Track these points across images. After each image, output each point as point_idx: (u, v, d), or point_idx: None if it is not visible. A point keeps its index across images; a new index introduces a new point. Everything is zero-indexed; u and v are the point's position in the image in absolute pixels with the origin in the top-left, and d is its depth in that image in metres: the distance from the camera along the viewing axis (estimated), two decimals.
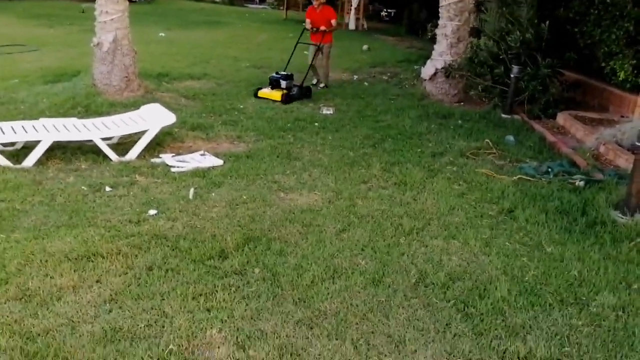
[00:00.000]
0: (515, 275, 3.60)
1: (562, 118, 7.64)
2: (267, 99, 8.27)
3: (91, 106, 7.01)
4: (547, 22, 8.23)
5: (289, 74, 8.59)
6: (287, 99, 8.22)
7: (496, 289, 3.40)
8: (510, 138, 6.77)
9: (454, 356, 2.81)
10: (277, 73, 8.62)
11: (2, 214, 4.04)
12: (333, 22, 9.32)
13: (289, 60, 9.10)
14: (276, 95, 8.24)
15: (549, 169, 5.61)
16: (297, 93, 8.49)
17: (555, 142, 6.66)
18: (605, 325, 3.12)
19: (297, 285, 3.36)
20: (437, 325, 3.04)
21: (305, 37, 9.34)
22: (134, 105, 6.88)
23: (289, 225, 4.17)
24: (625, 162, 5.64)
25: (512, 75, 8.03)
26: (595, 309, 3.26)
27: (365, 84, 10.27)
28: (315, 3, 9.36)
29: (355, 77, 10.89)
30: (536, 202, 4.78)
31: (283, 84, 8.39)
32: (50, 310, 2.97)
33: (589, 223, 4.39)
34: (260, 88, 8.51)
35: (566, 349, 2.91)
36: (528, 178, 5.39)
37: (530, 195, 4.93)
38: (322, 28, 9.10)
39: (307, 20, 9.38)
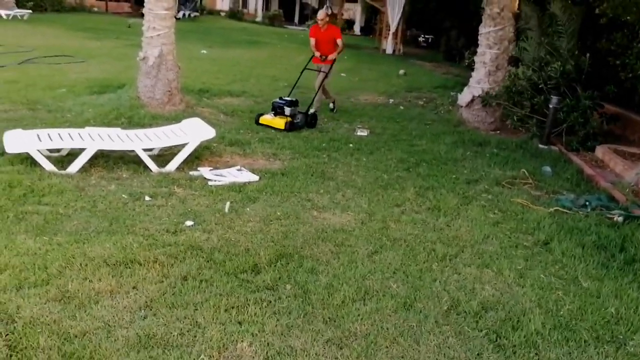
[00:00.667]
0: (550, 308, 3.54)
1: (600, 151, 7.52)
2: (269, 126, 7.61)
3: (134, 118, 7.22)
4: (588, 54, 8.16)
5: (294, 100, 7.89)
6: (290, 128, 7.55)
7: (530, 321, 3.34)
8: (547, 169, 6.69)
9: None
10: (280, 98, 7.92)
11: (46, 217, 4.19)
12: (339, 41, 8.61)
13: (294, 86, 8.50)
14: (279, 123, 7.55)
15: (587, 203, 5.51)
16: (302, 121, 7.81)
17: (593, 175, 6.55)
18: None
19: (328, 304, 3.37)
20: (468, 354, 3.01)
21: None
22: (175, 118, 7.07)
23: (321, 244, 4.20)
24: None
25: (550, 106, 7.95)
26: (632, 349, 3.17)
27: (401, 107, 10.31)
28: (320, 22, 8.67)
29: (391, 100, 10.94)
30: (573, 236, 4.70)
31: (287, 111, 7.69)
32: (88, 313, 3.05)
33: (628, 260, 4.29)
34: (262, 114, 7.83)
35: None
36: (565, 210, 5.31)
37: (567, 228, 4.84)
38: (331, 57, 8.53)
39: (312, 41, 8.71)
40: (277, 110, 7.79)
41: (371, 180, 5.84)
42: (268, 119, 7.73)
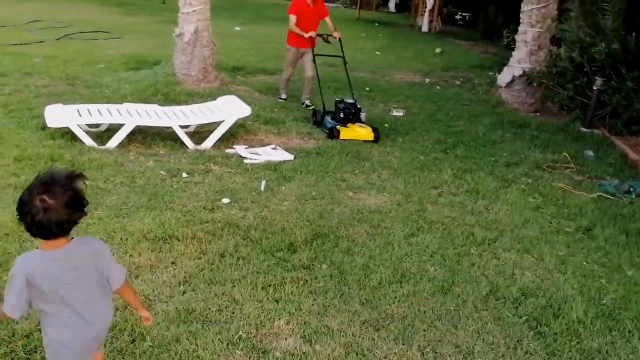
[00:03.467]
0: (592, 296, 3.45)
1: None
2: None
3: (170, 94, 7.25)
4: (634, 34, 7.82)
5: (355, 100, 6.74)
6: (379, 137, 6.33)
7: (572, 309, 3.26)
8: (590, 153, 6.49)
9: None
10: (342, 101, 6.66)
11: (87, 192, 4.24)
12: (329, 20, 7.43)
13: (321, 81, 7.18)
14: (367, 134, 6.28)
15: (631, 189, 5.34)
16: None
17: (638, 160, 6.32)
18: None
19: (364, 285, 3.35)
20: (507, 340, 2.96)
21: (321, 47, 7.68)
22: (210, 96, 7.07)
23: (357, 224, 4.17)
24: None
25: (594, 88, 7.68)
26: None
27: (437, 87, 10.11)
28: None
29: (427, 80, 10.75)
30: (616, 222, 4.56)
31: (363, 116, 6.63)
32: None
33: None
34: (335, 126, 6.33)
35: None
36: (608, 196, 5.14)
37: (611, 215, 4.70)
38: (337, 35, 7.27)
39: (292, 18, 7.32)
40: (350, 117, 6.46)
41: (407, 161, 5.76)
42: (350, 132, 6.29)
